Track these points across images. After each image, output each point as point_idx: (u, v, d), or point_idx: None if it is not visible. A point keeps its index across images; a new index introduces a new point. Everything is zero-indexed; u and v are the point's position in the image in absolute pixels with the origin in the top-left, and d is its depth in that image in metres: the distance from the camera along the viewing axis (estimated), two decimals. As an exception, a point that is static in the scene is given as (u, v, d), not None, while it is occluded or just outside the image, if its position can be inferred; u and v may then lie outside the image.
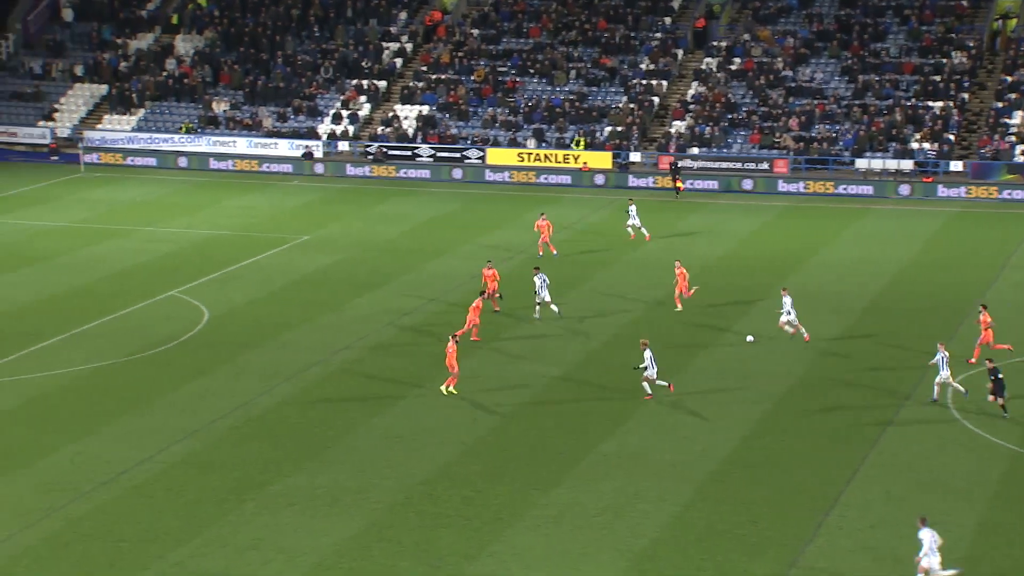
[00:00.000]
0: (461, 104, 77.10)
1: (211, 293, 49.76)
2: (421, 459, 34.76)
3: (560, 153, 73.07)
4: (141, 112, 78.83)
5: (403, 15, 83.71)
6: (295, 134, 76.39)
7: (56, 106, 79.80)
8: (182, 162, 74.48)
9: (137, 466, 34.12)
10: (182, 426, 36.79)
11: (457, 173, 72.45)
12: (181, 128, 77.22)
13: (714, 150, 72.51)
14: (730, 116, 74.23)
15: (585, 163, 72.36)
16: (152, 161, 74.80)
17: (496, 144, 74.45)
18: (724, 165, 71.16)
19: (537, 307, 46.12)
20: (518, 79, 78.41)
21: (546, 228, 55.20)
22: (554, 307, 45.89)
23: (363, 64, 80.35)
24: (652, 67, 77.89)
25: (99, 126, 78.29)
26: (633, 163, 72.55)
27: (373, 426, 37.03)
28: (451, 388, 39.02)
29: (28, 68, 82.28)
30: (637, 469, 34.18)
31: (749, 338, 43.48)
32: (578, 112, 75.52)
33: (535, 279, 46.22)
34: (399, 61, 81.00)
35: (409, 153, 74.51)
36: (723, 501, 32.27)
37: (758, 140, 72.54)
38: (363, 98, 78.63)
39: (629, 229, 57.63)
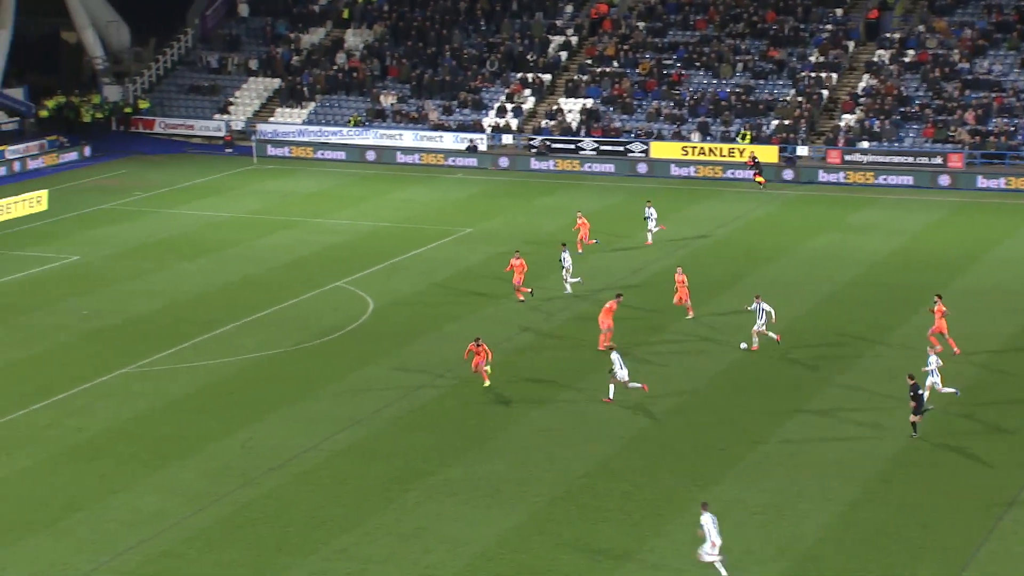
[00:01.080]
0: (625, 97, 76.89)
1: (376, 284, 50.56)
2: (581, 453, 34.81)
3: (725, 147, 72.35)
4: (311, 105, 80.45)
5: (569, 8, 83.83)
6: (460, 127, 77.13)
7: (231, 100, 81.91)
8: (370, 155, 75.37)
9: (304, 453, 34.88)
10: (347, 415, 37.48)
11: (642, 168, 72.05)
12: (350, 121, 78.59)
13: (884, 144, 71.00)
14: (902, 109, 72.59)
15: (752, 156, 71.49)
16: (341, 155, 75.93)
17: (660, 137, 74.07)
18: (911, 160, 69.58)
19: (567, 282, 48.01)
20: (683, 72, 77.88)
21: (584, 226, 54.32)
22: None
23: (528, 57, 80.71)
24: (822, 59, 76.59)
25: (271, 119, 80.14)
26: (800, 157, 71.44)
27: (533, 419, 37.21)
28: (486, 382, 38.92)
29: (205, 62, 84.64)
30: (799, 467, 33.70)
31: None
32: (744, 105, 74.68)
33: (562, 255, 48.20)
34: (564, 54, 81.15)
35: (572, 146, 74.60)
36: (889, 502, 31.62)
37: (932, 134, 70.77)
38: (527, 91, 78.99)
39: (649, 235, 55.87)
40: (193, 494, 32.24)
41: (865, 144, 71.18)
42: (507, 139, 76.21)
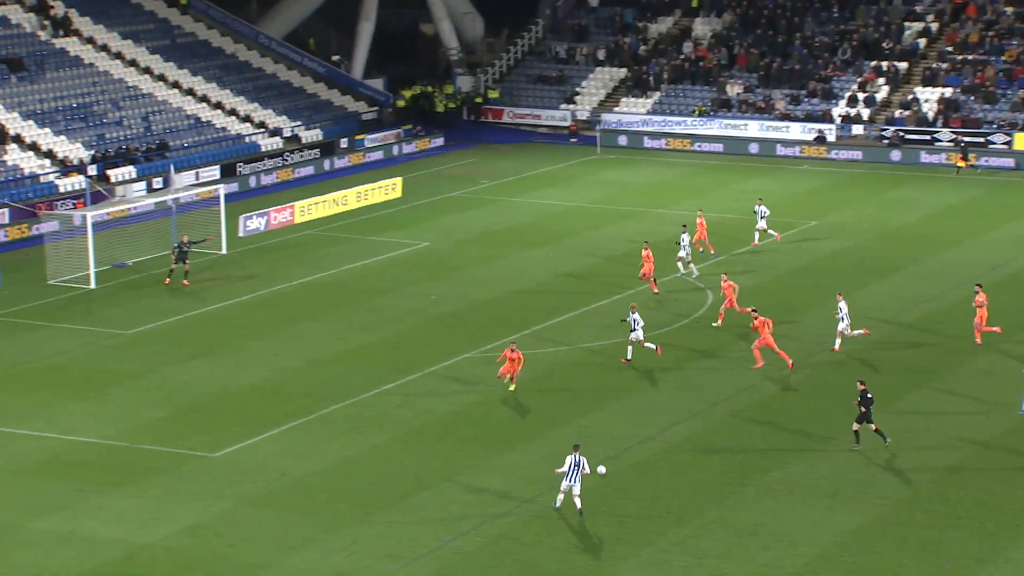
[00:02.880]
0: (988, 86, 73.51)
1: (716, 277, 50.22)
2: (930, 456, 33.61)
3: (1098, 138, 68.22)
4: (656, 95, 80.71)
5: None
6: (808, 117, 75.70)
7: (577, 89, 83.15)
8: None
9: (640, 443, 35.10)
10: (685, 407, 37.46)
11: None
12: (694, 111, 78.41)
13: None
14: None
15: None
16: (685, 145, 75.74)
17: (1024, 128, 70.54)
18: None
19: (681, 264, 48.71)
20: (1053, 58, 73.84)
21: (701, 227, 51.99)
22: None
23: (883, 45, 78.34)
24: None
25: (616, 109, 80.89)
26: None
27: (879, 420, 36.12)
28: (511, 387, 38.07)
29: (554, 52, 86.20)
30: None
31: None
32: (1121, 93, 70.18)
33: (681, 236, 48.66)
34: (922, 41, 78.34)
35: (928, 138, 71.95)
36: None
37: None
38: (881, 80, 76.71)
39: (757, 233, 53.16)
40: (533, 479, 32.96)
41: None
42: (857, 130, 74.25)
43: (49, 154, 63.79)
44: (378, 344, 43.50)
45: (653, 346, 40.62)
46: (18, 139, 63.67)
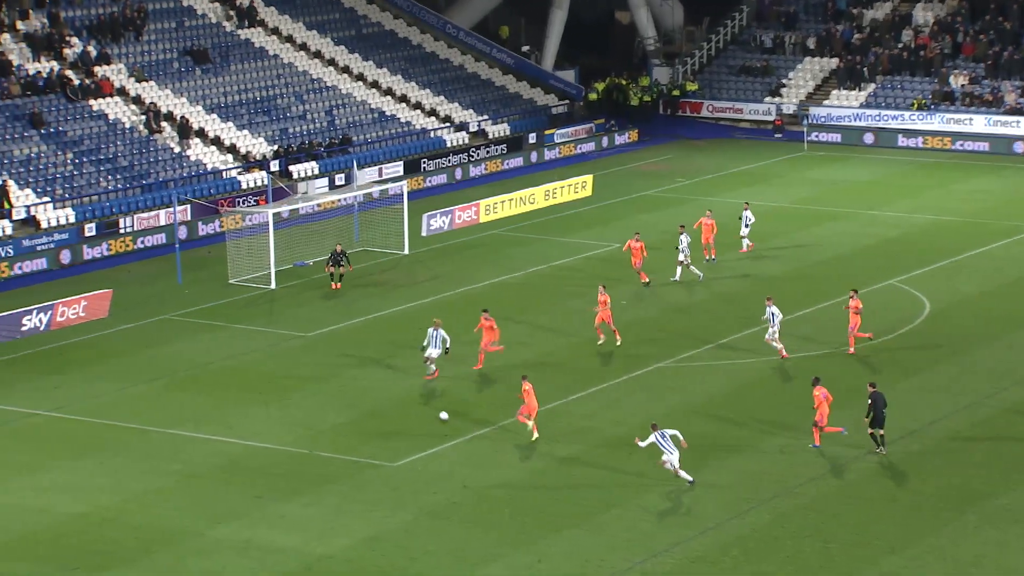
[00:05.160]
0: None
1: (934, 284, 49.05)
2: None
3: None
4: (871, 87, 79.04)
5: None
6: (1040, 111, 73.36)
7: (784, 81, 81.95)
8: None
9: (849, 463, 34.39)
10: (899, 425, 36.47)
11: None
12: (912, 104, 76.57)
13: None
14: None
15: None
16: (901, 141, 73.76)
17: None
18: None
19: (680, 266, 48.90)
20: None
21: (709, 228, 50.78)
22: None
23: (1124, 31, 75.38)
24: None
25: (825, 102, 79.48)
26: None
27: None
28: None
29: (759, 41, 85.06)
30: None
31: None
32: None
33: (680, 237, 48.95)
34: None
35: None
36: None
37: None
38: (1122, 69, 73.83)
39: (745, 241, 52.20)
40: (730, 499, 32.58)
41: None
42: (1095, 124, 71.60)
43: (232, 149, 65.62)
44: (565, 350, 43.56)
45: (433, 368, 40.68)
46: (201, 133, 65.65)
